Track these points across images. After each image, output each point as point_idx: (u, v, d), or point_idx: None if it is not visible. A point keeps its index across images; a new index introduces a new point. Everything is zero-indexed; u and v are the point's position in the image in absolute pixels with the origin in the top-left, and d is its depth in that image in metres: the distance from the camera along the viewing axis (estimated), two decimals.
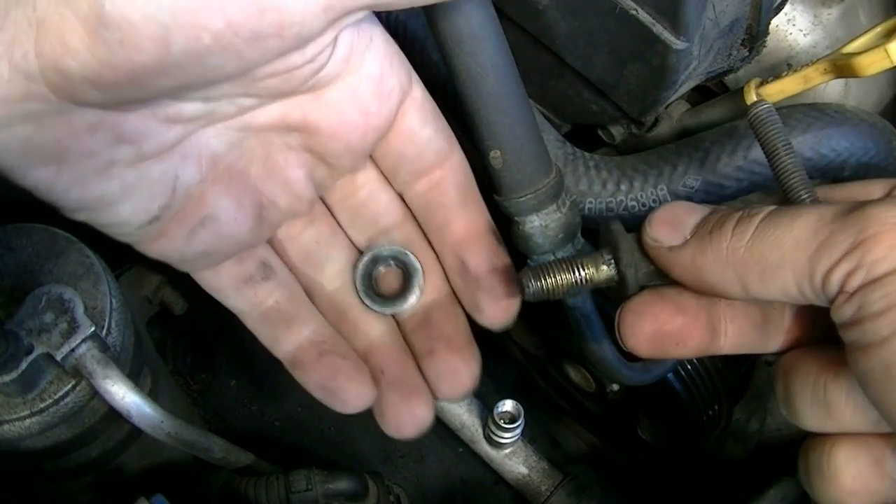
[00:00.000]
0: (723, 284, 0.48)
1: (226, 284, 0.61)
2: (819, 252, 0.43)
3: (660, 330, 0.51)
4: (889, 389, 0.41)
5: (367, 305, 0.63)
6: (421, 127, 0.58)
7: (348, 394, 0.59)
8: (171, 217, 0.55)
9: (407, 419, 0.61)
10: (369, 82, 0.54)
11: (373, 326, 0.63)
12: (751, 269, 0.46)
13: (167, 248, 0.56)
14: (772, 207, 0.47)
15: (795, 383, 0.49)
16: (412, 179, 0.61)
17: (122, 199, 0.52)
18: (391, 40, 0.56)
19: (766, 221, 0.46)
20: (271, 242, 0.63)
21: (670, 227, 0.51)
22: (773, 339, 0.53)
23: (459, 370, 0.62)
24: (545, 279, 0.54)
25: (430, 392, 0.61)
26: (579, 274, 0.54)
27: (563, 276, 0.54)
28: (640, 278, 0.53)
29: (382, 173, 0.62)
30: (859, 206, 0.43)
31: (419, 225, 0.64)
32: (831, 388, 0.47)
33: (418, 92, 0.58)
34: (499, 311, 0.62)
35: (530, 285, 0.54)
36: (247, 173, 0.57)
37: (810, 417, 0.49)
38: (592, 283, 0.54)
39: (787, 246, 0.45)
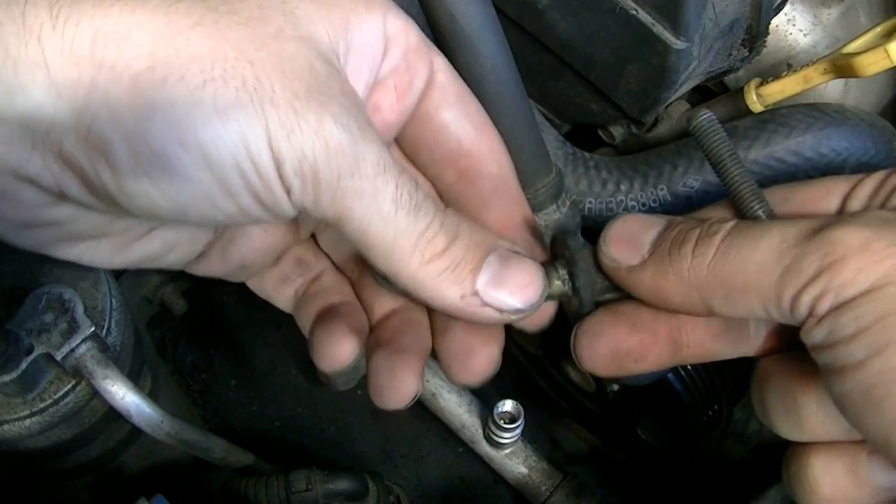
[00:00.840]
0: (687, 305, 0.46)
1: (269, 287, 0.60)
2: (785, 277, 0.42)
3: (617, 349, 0.50)
4: (868, 412, 0.40)
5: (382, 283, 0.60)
6: (438, 111, 0.54)
7: (329, 349, 0.55)
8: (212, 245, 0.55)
9: (390, 390, 0.55)
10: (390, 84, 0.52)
11: (388, 300, 0.59)
12: (715, 291, 0.45)
13: (209, 268, 0.56)
14: (731, 223, 0.45)
15: (768, 393, 0.49)
16: (435, 167, 0.57)
17: (167, 253, 0.52)
18: (410, 24, 0.52)
19: (727, 242, 0.45)
20: None
21: (626, 245, 0.48)
22: (742, 346, 0.52)
23: (475, 351, 0.55)
24: None
25: (418, 364, 0.55)
26: None
27: None
28: (596, 295, 0.51)
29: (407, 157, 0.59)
30: (822, 227, 0.42)
31: None
32: (801, 398, 0.47)
33: (442, 76, 0.54)
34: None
35: None
36: None
37: (785, 427, 0.48)
38: (551, 295, 0.52)
39: (751, 270, 0.44)
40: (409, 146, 0.57)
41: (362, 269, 0.59)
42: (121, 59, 0.40)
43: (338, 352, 0.55)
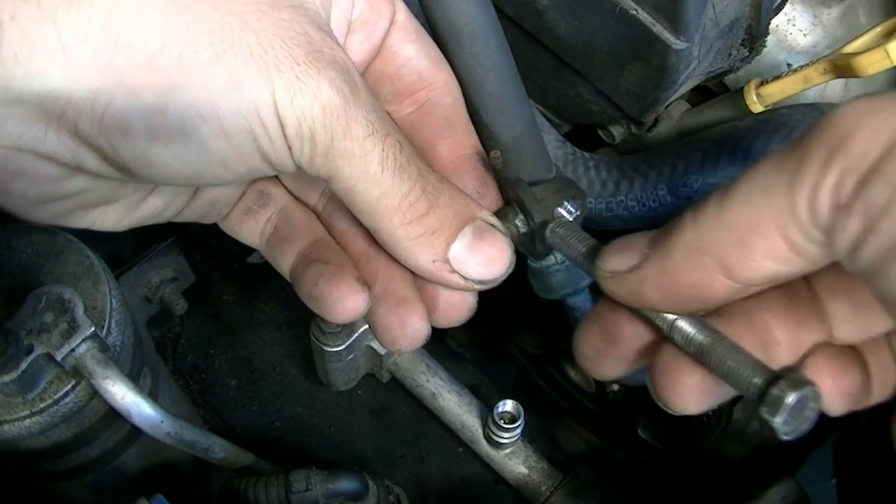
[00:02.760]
0: (704, 279, 0.41)
1: (233, 222, 0.61)
2: (794, 181, 0.37)
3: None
4: None
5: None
6: (400, 47, 0.57)
7: (331, 298, 0.54)
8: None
9: (398, 331, 0.54)
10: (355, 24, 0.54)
11: (361, 239, 0.58)
12: (727, 242, 0.40)
13: (187, 214, 0.57)
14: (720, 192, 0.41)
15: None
16: (395, 100, 0.59)
17: (167, 208, 0.54)
18: None
19: (724, 192, 0.40)
20: None
21: (621, 253, 0.45)
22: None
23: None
24: None
25: (422, 303, 0.55)
26: None
27: None
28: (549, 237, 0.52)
29: None
30: (823, 117, 0.37)
31: None
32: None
33: (401, 15, 0.57)
34: None
35: None
36: None
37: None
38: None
39: (756, 200, 0.39)
40: (372, 81, 0.58)
41: (332, 205, 0.59)
42: (136, 38, 0.41)
43: (352, 303, 0.54)
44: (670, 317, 0.45)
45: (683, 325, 0.44)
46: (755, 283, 0.41)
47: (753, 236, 0.39)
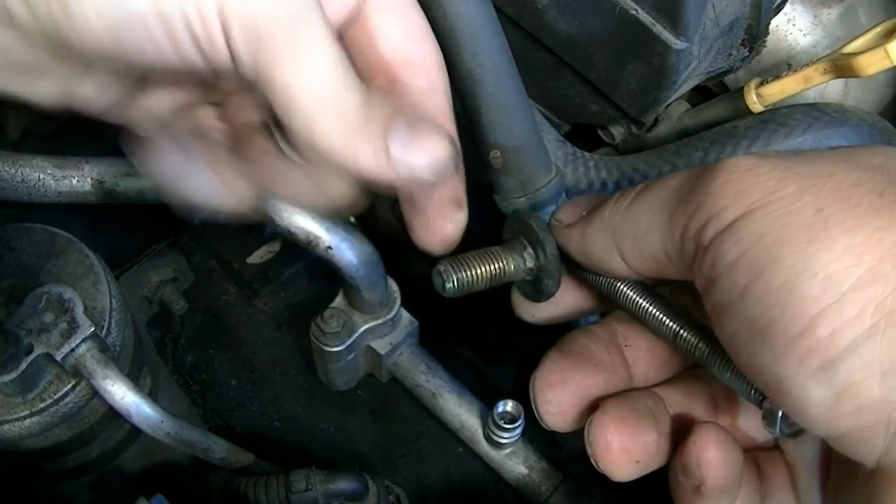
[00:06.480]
0: (603, 254, 0.48)
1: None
2: (677, 208, 0.42)
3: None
4: (757, 347, 0.39)
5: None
6: (376, 15, 0.53)
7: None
8: None
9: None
10: None
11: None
12: (626, 233, 0.46)
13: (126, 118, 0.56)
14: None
15: None
16: (367, 71, 0.55)
17: (102, 96, 0.52)
18: None
19: (646, 185, 0.46)
20: None
21: (571, 208, 0.51)
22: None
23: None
24: (465, 272, 0.53)
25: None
26: (501, 265, 0.53)
27: (484, 269, 0.53)
28: (558, 270, 0.52)
29: None
30: (719, 162, 0.42)
31: None
32: None
33: None
34: None
35: (450, 279, 0.52)
36: None
37: None
38: (511, 275, 0.53)
39: (655, 206, 0.44)
40: (345, 48, 0.55)
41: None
42: None
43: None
44: (672, 325, 0.49)
45: (687, 335, 0.48)
46: (641, 273, 0.48)
47: (643, 237, 0.45)
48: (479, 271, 0.52)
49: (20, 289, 0.71)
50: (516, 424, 0.80)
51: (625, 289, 0.51)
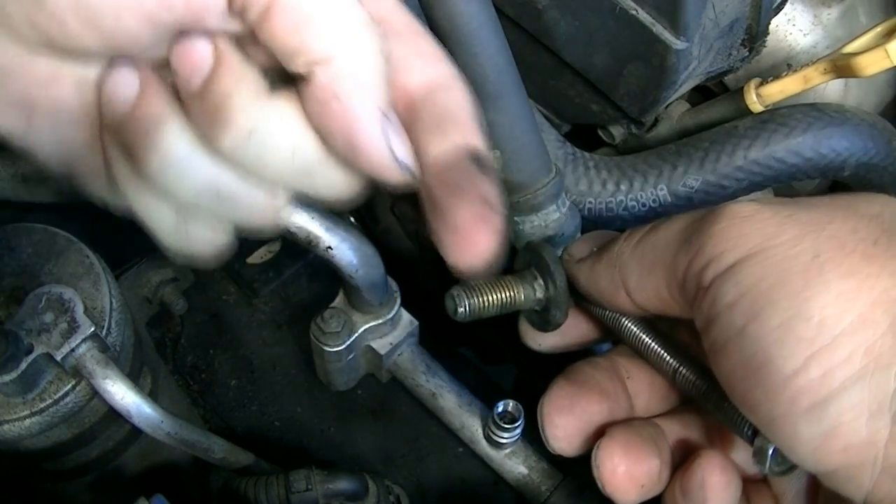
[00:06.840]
0: (610, 289, 0.49)
1: None
2: (680, 250, 0.44)
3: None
4: (751, 386, 0.40)
5: None
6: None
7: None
8: None
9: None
10: None
11: None
12: (632, 271, 0.47)
13: None
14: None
15: None
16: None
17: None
18: None
19: (653, 226, 0.47)
20: None
21: (584, 243, 0.53)
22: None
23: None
24: (477, 298, 0.53)
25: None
26: (511, 294, 0.54)
27: (496, 296, 0.53)
28: (566, 302, 0.53)
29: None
30: (722, 206, 0.44)
31: None
32: None
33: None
34: None
35: (463, 304, 0.53)
36: None
37: None
38: (520, 304, 0.54)
39: (660, 246, 0.46)
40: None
41: None
42: None
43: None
44: (672, 362, 0.51)
45: (685, 371, 0.50)
46: (645, 309, 0.49)
47: (648, 275, 0.46)
48: (490, 298, 0.53)
49: (20, 289, 0.71)
50: (516, 424, 0.80)
51: (628, 324, 0.52)
